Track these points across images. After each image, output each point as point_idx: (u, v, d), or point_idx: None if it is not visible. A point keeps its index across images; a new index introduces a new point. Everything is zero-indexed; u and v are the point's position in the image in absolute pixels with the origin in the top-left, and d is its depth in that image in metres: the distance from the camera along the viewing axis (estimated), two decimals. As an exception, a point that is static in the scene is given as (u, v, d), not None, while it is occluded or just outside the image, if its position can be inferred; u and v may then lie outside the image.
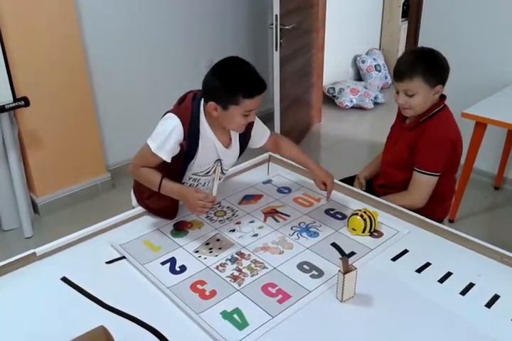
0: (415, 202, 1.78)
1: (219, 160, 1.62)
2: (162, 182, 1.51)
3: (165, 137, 1.49)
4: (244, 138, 1.69)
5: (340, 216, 1.66)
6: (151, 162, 1.53)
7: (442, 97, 1.79)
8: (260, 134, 1.75)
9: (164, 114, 1.57)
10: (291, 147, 1.80)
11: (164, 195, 1.54)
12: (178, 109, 1.54)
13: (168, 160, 1.51)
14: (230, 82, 1.45)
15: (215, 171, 1.59)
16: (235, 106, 1.46)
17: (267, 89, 1.51)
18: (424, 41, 3.16)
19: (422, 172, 1.76)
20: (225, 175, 1.78)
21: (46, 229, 2.85)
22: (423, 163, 1.76)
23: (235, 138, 1.65)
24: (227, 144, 1.62)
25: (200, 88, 1.53)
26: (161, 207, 1.63)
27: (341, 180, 1.91)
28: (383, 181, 1.96)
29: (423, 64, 1.69)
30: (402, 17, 5.00)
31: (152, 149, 1.49)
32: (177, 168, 1.57)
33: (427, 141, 1.74)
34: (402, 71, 1.70)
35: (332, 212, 1.68)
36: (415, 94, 1.70)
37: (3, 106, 2.46)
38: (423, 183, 1.77)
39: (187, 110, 1.52)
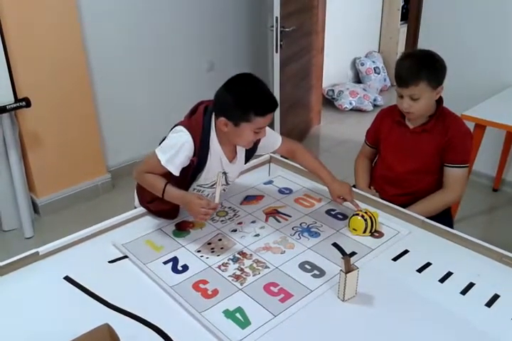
0: (459, 196, 1.89)
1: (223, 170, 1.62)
2: (166, 188, 1.50)
3: (175, 152, 1.48)
4: (251, 152, 1.69)
5: (341, 216, 1.67)
6: (158, 171, 1.52)
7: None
8: (271, 142, 1.72)
9: (174, 126, 1.56)
10: (308, 158, 1.75)
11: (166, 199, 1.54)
12: (190, 123, 1.53)
13: (177, 174, 1.51)
14: (243, 99, 1.44)
15: (217, 177, 1.59)
16: (246, 123, 1.46)
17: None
18: (423, 44, 3.18)
19: (458, 167, 1.84)
20: (229, 185, 1.76)
21: (46, 230, 2.85)
22: (459, 158, 1.83)
23: (240, 153, 1.65)
24: (232, 158, 1.63)
25: (200, 90, 1.53)
26: (163, 209, 1.63)
27: None
28: (402, 190, 1.93)
29: (427, 69, 1.71)
30: (401, 20, 5.03)
31: (162, 162, 1.49)
32: (184, 180, 1.57)
33: (459, 136, 1.82)
34: (407, 77, 1.72)
35: (333, 213, 1.69)
36: (420, 97, 1.73)
37: (5, 106, 2.48)
38: (463, 176, 1.85)
39: (198, 125, 1.52)
